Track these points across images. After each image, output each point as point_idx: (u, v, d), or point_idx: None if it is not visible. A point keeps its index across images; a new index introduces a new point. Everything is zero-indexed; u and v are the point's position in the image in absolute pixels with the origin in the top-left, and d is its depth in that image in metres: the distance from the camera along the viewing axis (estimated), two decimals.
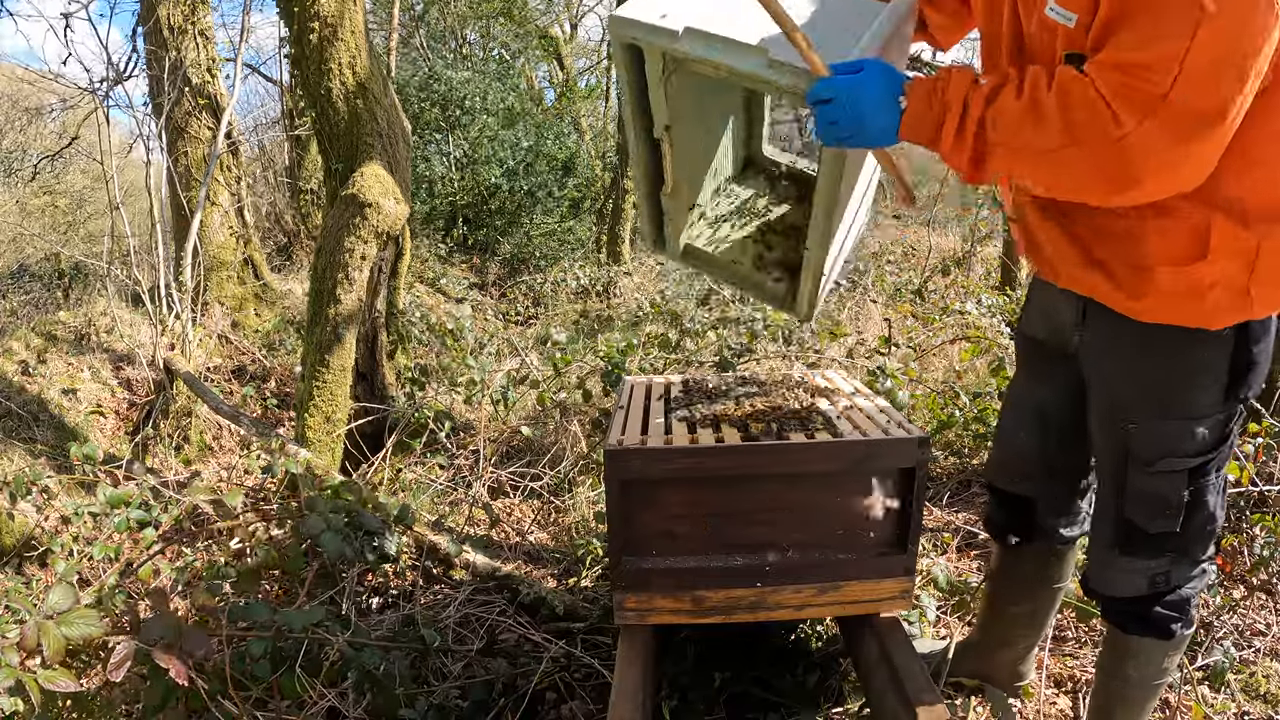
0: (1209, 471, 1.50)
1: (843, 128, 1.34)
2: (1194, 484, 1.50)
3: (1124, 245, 1.39)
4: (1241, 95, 1.15)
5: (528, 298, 9.25)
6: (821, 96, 1.33)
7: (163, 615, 1.50)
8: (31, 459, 3.65)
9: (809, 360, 3.92)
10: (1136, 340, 1.45)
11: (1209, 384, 1.43)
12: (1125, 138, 1.16)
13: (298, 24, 3.52)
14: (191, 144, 5.75)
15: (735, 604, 1.74)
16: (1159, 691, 1.69)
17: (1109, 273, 1.42)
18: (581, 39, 18.88)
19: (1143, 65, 1.15)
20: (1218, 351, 1.41)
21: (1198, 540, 1.55)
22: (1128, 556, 1.56)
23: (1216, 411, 1.45)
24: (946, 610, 2.41)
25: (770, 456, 1.68)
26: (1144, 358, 1.46)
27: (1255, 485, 2.67)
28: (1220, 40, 1.12)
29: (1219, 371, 1.42)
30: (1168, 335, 1.42)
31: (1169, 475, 1.49)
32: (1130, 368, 1.48)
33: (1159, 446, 1.48)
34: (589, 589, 2.57)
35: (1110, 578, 1.60)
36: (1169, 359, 1.44)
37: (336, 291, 3.45)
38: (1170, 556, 1.55)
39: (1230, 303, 1.36)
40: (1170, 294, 1.37)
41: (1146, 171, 1.19)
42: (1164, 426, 1.47)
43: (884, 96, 1.32)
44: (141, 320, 5.04)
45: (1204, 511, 1.52)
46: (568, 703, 2.05)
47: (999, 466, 1.86)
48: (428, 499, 3.24)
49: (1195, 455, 1.48)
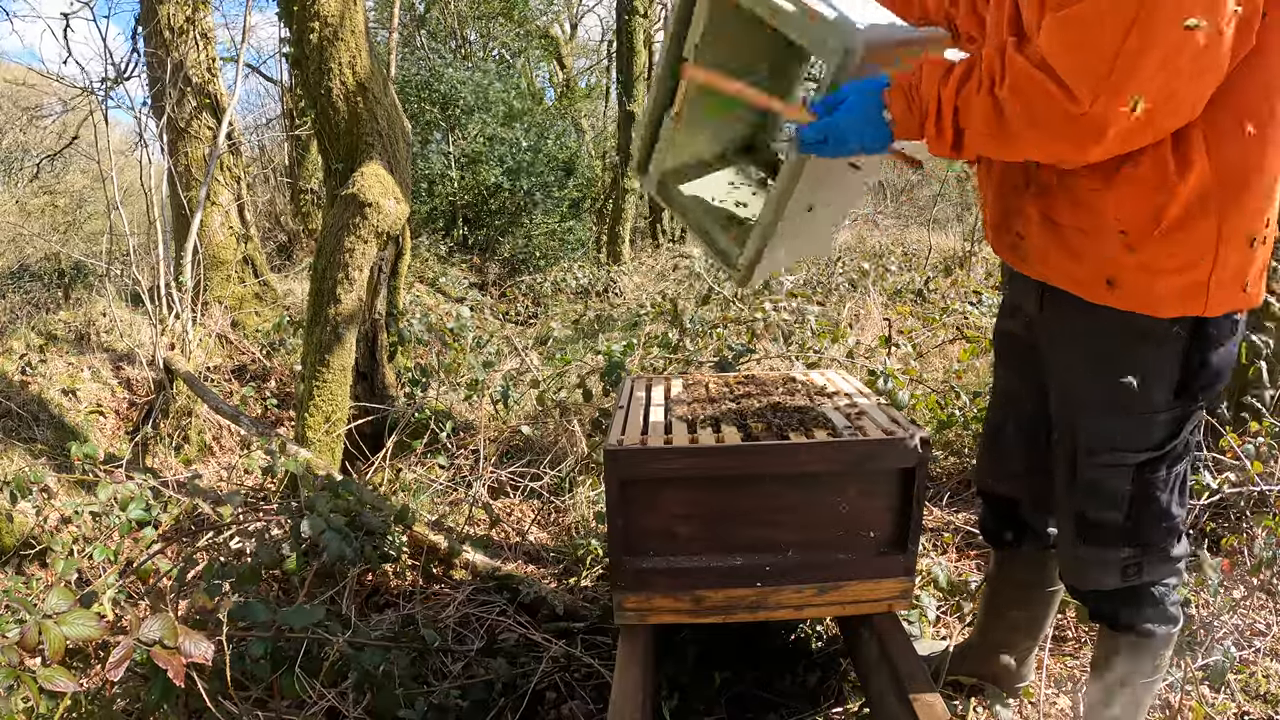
0: (1158, 468, 1.50)
1: (843, 151, 1.45)
2: (1141, 479, 1.50)
3: (1088, 216, 1.39)
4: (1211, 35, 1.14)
5: (528, 298, 9.25)
6: (814, 138, 1.45)
7: (162, 615, 1.50)
8: (31, 459, 3.65)
9: (809, 360, 3.92)
10: (1088, 332, 1.46)
11: (1158, 381, 1.43)
12: (1085, 115, 1.18)
13: (298, 24, 3.52)
14: (192, 144, 5.75)
15: (735, 604, 1.74)
16: (1152, 691, 1.69)
17: (1072, 249, 1.42)
18: (581, 39, 18.91)
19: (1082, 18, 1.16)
20: (1169, 349, 1.41)
21: (1153, 534, 1.54)
22: (1089, 546, 1.57)
23: (1167, 409, 1.45)
24: (946, 610, 2.41)
25: (770, 456, 1.68)
26: (1095, 350, 1.46)
27: (1255, 485, 2.67)
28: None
29: (1170, 369, 1.42)
30: (1119, 329, 1.41)
31: (1114, 469, 1.50)
32: (1082, 360, 1.49)
33: (1104, 439, 1.49)
34: (589, 589, 2.57)
35: (1079, 570, 1.61)
36: (1119, 353, 1.44)
37: (336, 291, 3.45)
38: (1135, 547, 1.54)
39: (1183, 292, 1.35)
40: (1127, 272, 1.36)
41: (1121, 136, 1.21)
42: (1111, 420, 1.48)
43: (868, 118, 1.40)
44: (141, 320, 5.04)
45: (1154, 507, 1.52)
46: (568, 703, 2.05)
47: (984, 467, 1.87)
48: (428, 499, 3.24)
49: (1142, 451, 1.48)
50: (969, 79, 1.30)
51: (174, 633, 1.47)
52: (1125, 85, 1.15)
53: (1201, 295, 1.35)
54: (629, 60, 10.77)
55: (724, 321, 4.32)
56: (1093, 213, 1.37)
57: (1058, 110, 1.20)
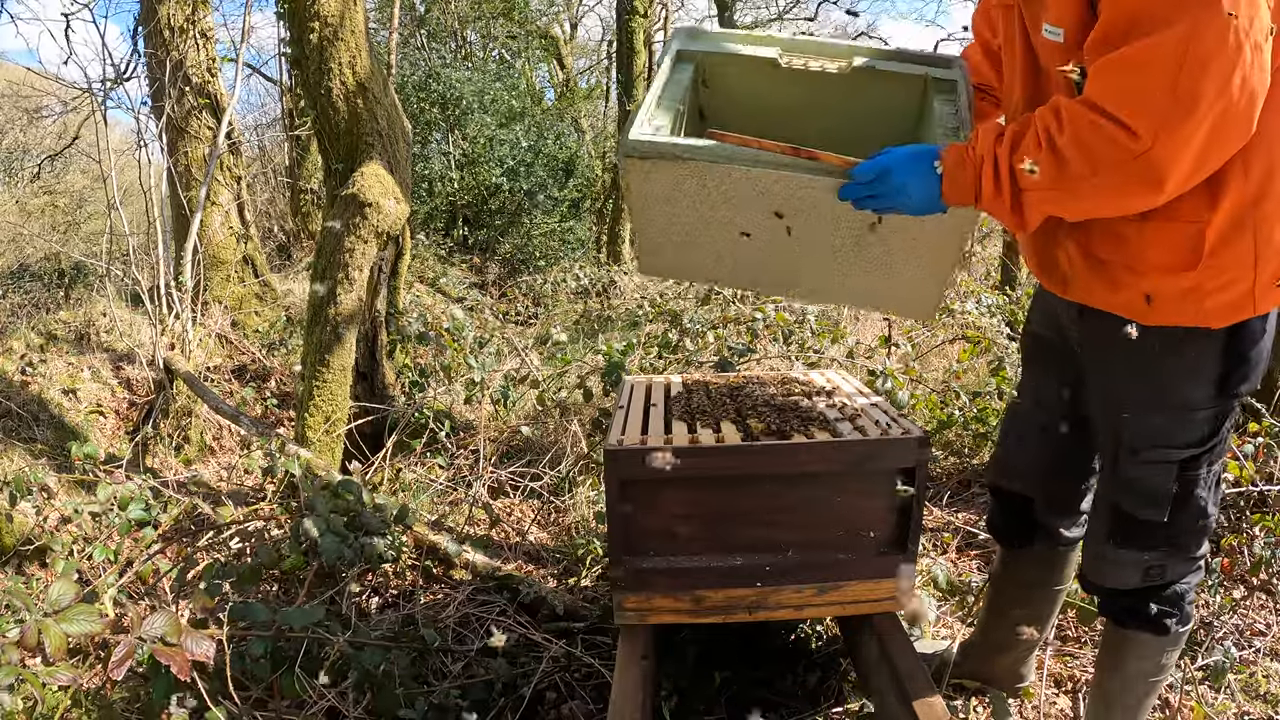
0: (1200, 465, 1.51)
1: (891, 205, 1.46)
2: (1183, 476, 1.51)
3: (1128, 251, 1.41)
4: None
5: (528, 298, 9.25)
6: (856, 194, 1.46)
7: (163, 613, 1.50)
8: (31, 459, 3.65)
9: (809, 360, 3.92)
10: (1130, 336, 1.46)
11: (1202, 378, 1.45)
12: (1148, 152, 1.18)
13: (298, 24, 3.52)
14: (192, 144, 5.75)
15: (735, 604, 1.74)
16: (1157, 689, 1.69)
17: (1115, 281, 1.44)
18: (581, 39, 18.90)
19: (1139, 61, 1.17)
20: (1212, 346, 1.42)
21: (1188, 533, 1.55)
22: (1121, 548, 1.57)
23: (1209, 406, 1.47)
24: (946, 610, 2.41)
25: (770, 456, 1.68)
26: (1139, 353, 1.47)
27: (1255, 485, 2.67)
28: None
29: (1213, 366, 1.44)
30: (1162, 331, 1.43)
31: (1158, 465, 1.51)
32: (1124, 360, 1.50)
33: (1149, 436, 1.50)
34: (589, 589, 2.57)
35: (1104, 569, 1.61)
36: (1164, 354, 1.45)
37: (336, 291, 3.45)
38: (1163, 550, 1.55)
39: (1232, 304, 1.38)
40: (1172, 298, 1.39)
41: (1180, 178, 1.21)
42: (1156, 418, 1.49)
43: (917, 170, 1.41)
44: (141, 320, 5.03)
45: (1193, 505, 1.53)
46: (568, 703, 2.05)
47: (1001, 465, 1.87)
48: (428, 499, 3.24)
49: (1185, 448, 1.49)
50: (1024, 137, 1.31)
51: (177, 629, 1.48)
52: (1187, 118, 1.16)
53: (1249, 303, 1.38)
54: (629, 60, 10.78)
55: (724, 321, 4.32)
56: (1134, 248, 1.39)
57: (1122, 152, 1.20)
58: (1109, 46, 1.22)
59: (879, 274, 1.71)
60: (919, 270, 1.68)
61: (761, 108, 1.87)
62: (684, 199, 1.64)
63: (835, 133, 1.81)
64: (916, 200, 1.43)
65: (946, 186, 1.40)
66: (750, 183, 1.57)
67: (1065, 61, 1.33)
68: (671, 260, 1.84)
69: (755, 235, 1.68)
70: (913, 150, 1.44)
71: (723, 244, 1.74)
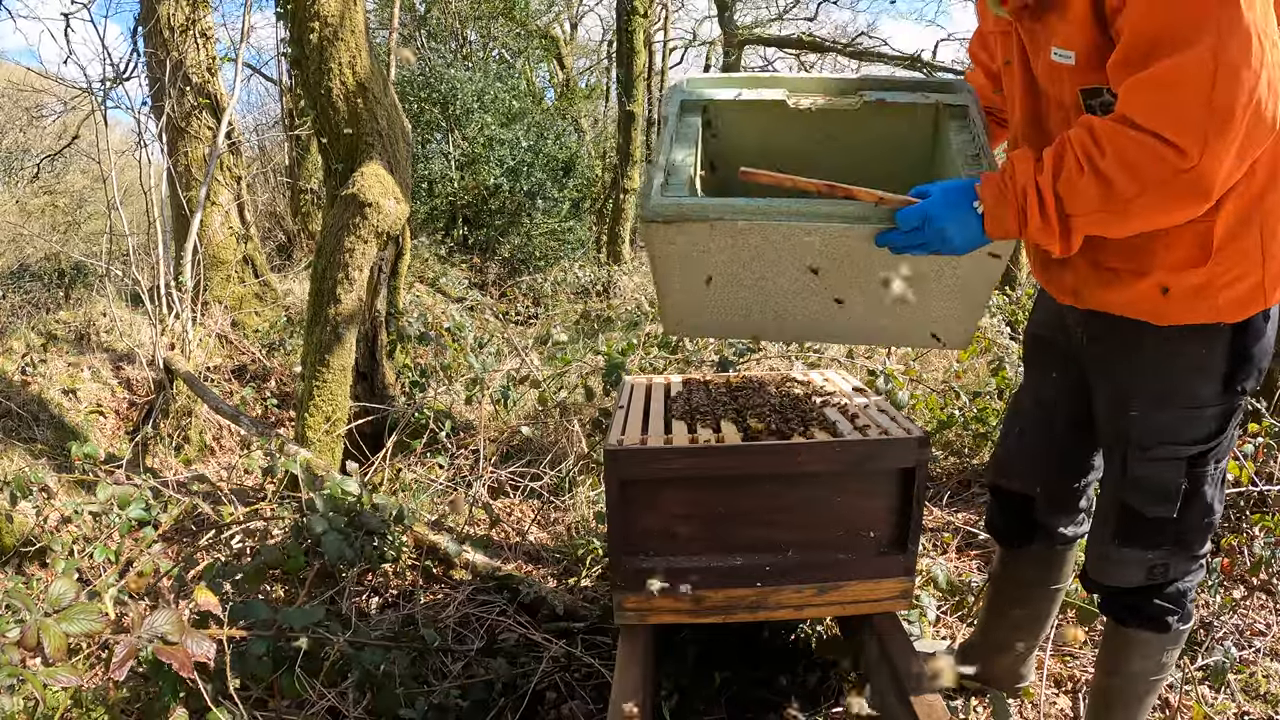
0: (1207, 462, 1.52)
1: (932, 248, 1.44)
2: (1192, 473, 1.52)
3: (1138, 258, 1.42)
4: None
5: (528, 298, 9.25)
6: (896, 242, 1.45)
7: (164, 613, 1.50)
8: (31, 459, 3.65)
9: (809, 360, 3.92)
10: (1137, 334, 1.48)
11: (1210, 375, 1.46)
12: (1194, 168, 1.19)
13: (298, 24, 3.52)
14: (192, 144, 5.74)
15: (735, 604, 1.74)
16: (1157, 689, 1.69)
17: (1128, 287, 1.45)
18: (581, 39, 18.90)
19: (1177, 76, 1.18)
20: (1219, 343, 1.43)
21: (1195, 530, 1.56)
22: (1126, 547, 1.58)
23: (1217, 403, 1.48)
24: (946, 610, 2.41)
25: (770, 456, 1.68)
26: (1145, 351, 1.48)
27: (1255, 485, 2.68)
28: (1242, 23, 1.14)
29: (1220, 362, 1.45)
30: (1171, 329, 1.44)
31: (1167, 462, 1.51)
32: (1132, 360, 1.51)
33: (1157, 433, 1.50)
34: (589, 589, 2.57)
35: (1108, 568, 1.62)
36: (1172, 352, 1.46)
37: (336, 291, 3.45)
38: (1168, 548, 1.56)
39: (1244, 298, 1.39)
40: (1185, 296, 1.40)
41: (1222, 184, 1.22)
42: (1164, 415, 1.49)
43: (957, 213, 1.40)
44: (141, 320, 5.04)
45: (1201, 501, 1.54)
46: (568, 702, 2.05)
47: (1001, 464, 1.87)
48: (428, 499, 3.24)
49: (1193, 444, 1.50)
50: (1063, 163, 1.30)
51: (180, 628, 1.47)
52: (1225, 129, 1.17)
53: (1260, 295, 1.40)
54: (629, 60, 10.77)
55: None
56: (1142, 254, 1.41)
57: (1169, 169, 1.21)
58: (1131, 68, 1.22)
59: (915, 312, 1.69)
60: (955, 303, 1.66)
61: (772, 149, 1.82)
62: (711, 258, 1.60)
63: (849, 167, 1.77)
64: (958, 242, 1.42)
65: (989, 224, 1.39)
66: (783, 237, 1.52)
67: (1076, 83, 1.34)
68: (699, 320, 1.80)
69: (787, 287, 1.65)
70: (947, 190, 1.42)
71: (752, 299, 1.70)
